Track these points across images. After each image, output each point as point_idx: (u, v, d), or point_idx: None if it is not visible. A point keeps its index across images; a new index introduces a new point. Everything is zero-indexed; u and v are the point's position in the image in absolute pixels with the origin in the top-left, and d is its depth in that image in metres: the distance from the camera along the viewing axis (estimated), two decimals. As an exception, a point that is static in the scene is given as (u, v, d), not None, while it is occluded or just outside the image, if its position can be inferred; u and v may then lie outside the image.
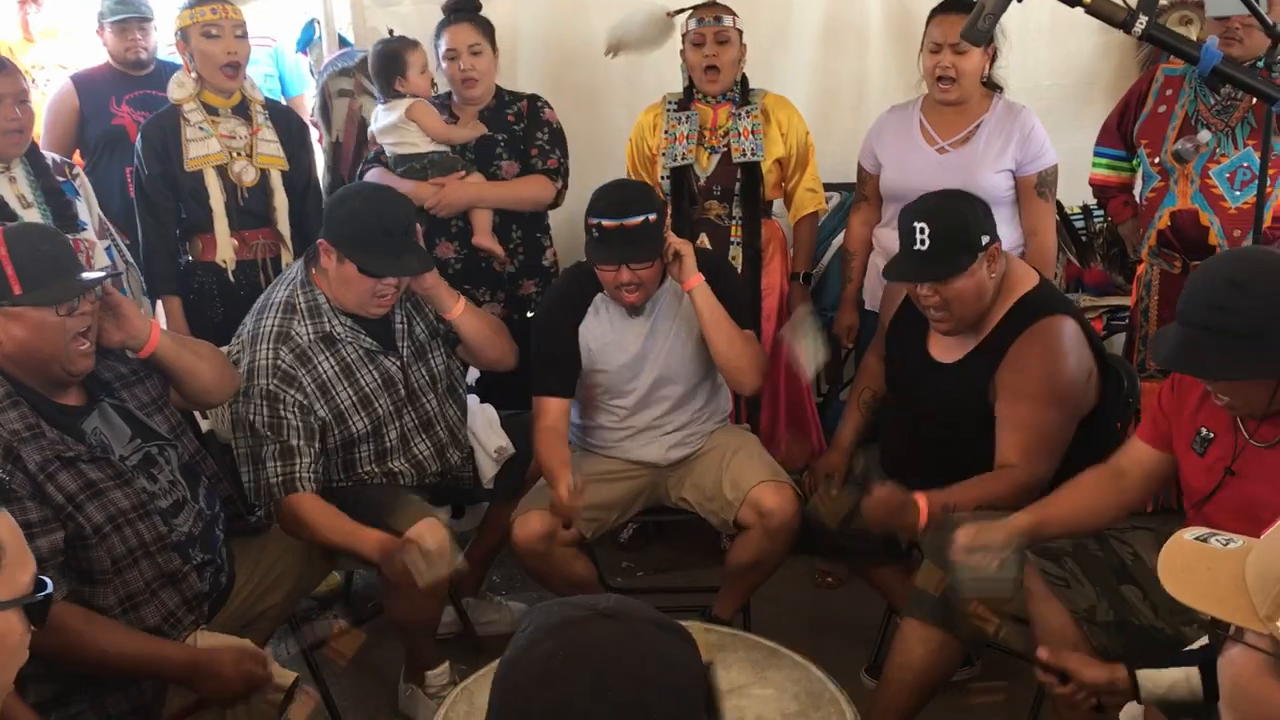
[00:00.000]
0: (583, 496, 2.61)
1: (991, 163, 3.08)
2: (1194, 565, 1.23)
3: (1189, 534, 1.27)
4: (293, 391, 2.56)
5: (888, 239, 3.22)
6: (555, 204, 3.39)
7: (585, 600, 1.13)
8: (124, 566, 2.12)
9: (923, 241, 2.43)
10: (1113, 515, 2.25)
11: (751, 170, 3.29)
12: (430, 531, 2.42)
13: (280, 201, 3.23)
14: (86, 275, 2.16)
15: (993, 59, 3.09)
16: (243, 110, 3.24)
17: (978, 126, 3.11)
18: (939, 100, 3.12)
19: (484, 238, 3.27)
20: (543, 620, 1.10)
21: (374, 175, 3.31)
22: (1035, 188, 3.11)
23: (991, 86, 3.15)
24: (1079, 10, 2.11)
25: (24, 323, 2.05)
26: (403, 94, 3.25)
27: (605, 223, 2.64)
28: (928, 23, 3.09)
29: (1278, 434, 1.98)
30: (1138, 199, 3.38)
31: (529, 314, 3.36)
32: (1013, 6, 2.18)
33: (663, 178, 3.32)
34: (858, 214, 3.35)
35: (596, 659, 1.05)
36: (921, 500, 2.33)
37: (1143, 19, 1.89)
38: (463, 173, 3.26)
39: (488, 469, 2.92)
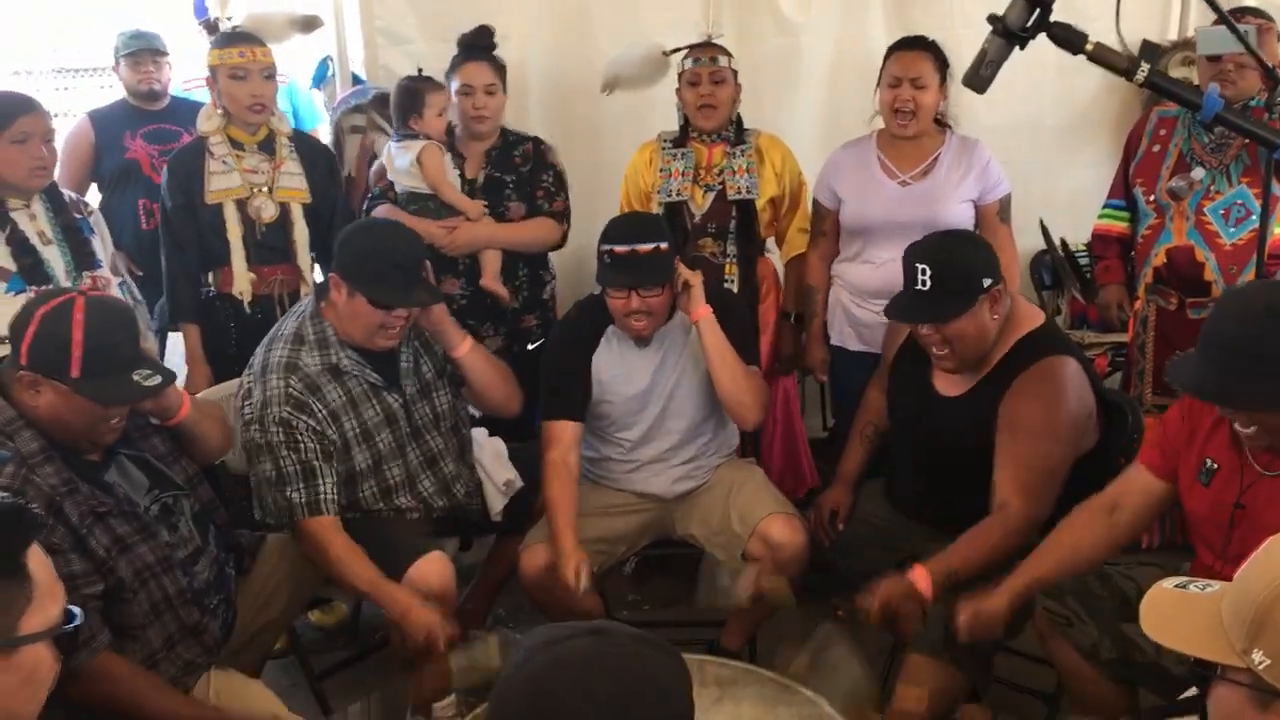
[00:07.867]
0: (586, 581, 2.62)
1: (954, 194, 3.14)
2: (1173, 612, 1.29)
3: (1169, 583, 1.33)
4: (305, 417, 2.57)
5: (850, 274, 3.27)
6: (559, 245, 3.44)
7: (572, 623, 1.25)
8: (148, 622, 2.12)
9: (924, 282, 2.45)
10: (1104, 554, 2.26)
11: (747, 208, 3.31)
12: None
13: (300, 234, 3.26)
14: (142, 378, 2.11)
15: (945, 96, 3.15)
16: (268, 145, 3.27)
17: (935, 159, 3.17)
18: (896, 134, 3.17)
19: (492, 281, 3.30)
20: (533, 642, 1.23)
21: (381, 212, 3.33)
22: (997, 214, 3.20)
23: (942, 124, 3.20)
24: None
25: (69, 402, 2.05)
26: (416, 133, 3.28)
27: (618, 249, 2.68)
28: (886, 58, 3.16)
29: None
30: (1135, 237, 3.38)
31: (530, 346, 3.40)
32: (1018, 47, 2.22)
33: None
34: (815, 250, 3.37)
35: (580, 665, 1.17)
36: (923, 580, 2.33)
37: (1145, 66, 1.92)
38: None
39: (496, 502, 2.92)
